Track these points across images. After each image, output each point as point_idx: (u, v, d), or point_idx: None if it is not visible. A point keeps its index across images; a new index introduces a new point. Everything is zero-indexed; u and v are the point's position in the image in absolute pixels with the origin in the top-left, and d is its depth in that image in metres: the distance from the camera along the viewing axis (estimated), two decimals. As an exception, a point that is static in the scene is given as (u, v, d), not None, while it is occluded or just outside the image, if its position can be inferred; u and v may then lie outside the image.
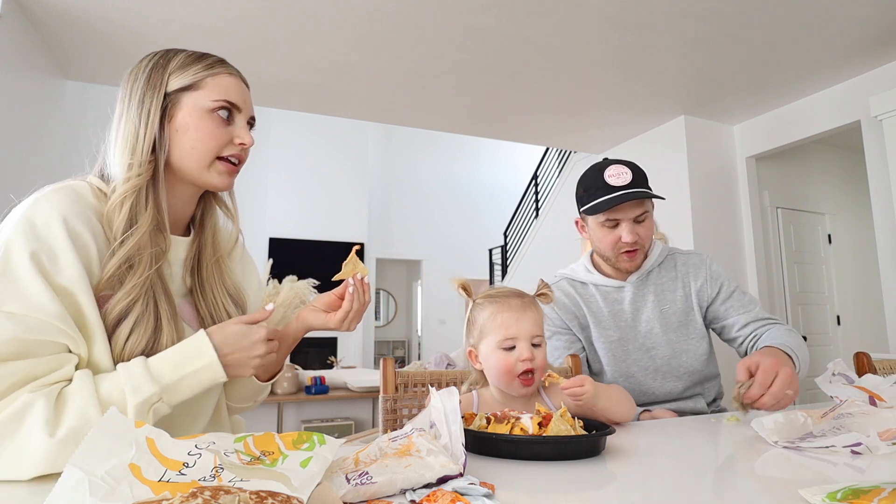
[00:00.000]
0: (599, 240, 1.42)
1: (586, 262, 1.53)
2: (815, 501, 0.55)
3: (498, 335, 1.01)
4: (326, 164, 8.09)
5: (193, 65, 0.84)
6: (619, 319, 1.45)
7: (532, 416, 0.82)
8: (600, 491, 0.66)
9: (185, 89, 0.83)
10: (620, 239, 1.38)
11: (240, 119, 0.87)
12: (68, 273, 0.70)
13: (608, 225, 1.39)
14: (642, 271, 1.47)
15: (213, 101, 0.83)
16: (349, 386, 3.33)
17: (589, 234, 1.47)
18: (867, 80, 3.43)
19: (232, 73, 0.87)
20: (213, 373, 0.75)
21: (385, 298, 11.27)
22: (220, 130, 0.84)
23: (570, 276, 1.53)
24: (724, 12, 2.78)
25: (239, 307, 0.94)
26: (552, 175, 7.42)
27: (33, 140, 2.98)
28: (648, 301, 1.45)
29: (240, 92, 0.87)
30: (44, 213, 0.71)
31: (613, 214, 1.37)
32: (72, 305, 0.70)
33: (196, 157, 0.83)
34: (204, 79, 0.84)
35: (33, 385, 0.66)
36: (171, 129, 0.82)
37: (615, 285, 1.47)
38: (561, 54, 3.21)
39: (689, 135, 4.12)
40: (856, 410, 0.92)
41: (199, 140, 0.83)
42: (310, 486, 0.51)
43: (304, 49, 3.16)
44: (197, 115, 0.83)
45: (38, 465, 0.62)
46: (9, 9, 2.60)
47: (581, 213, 1.46)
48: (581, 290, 1.49)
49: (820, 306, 4.56)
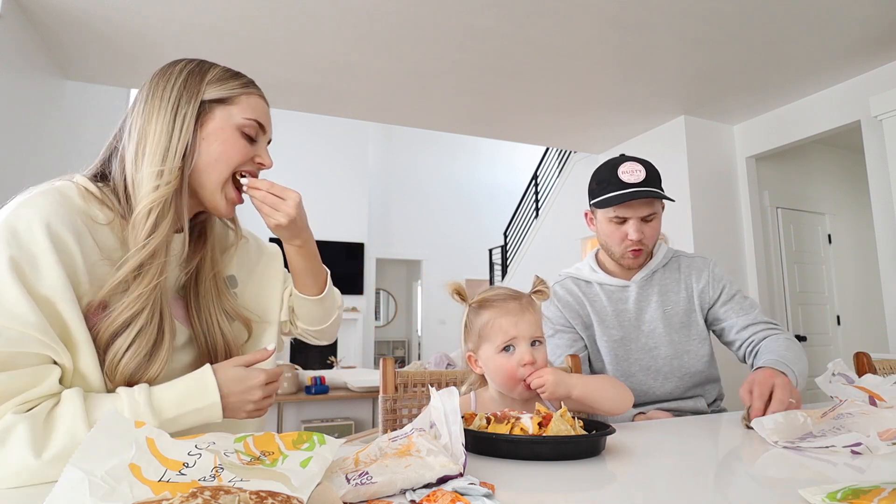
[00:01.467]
0: (607, 234, 1.43)
1: (591, 262, 1.53)
2: (815, 501, 0.55)
3: (497, 340, 1.00)
4: (326, 164, 8.10)
5: (231, 80, 0.85)
6: (623, 318, 1.45)
7: (532, 416, 0.82)
8: (600, 491, 0.66)
9: (219, 102, 0.83)
10: (627, 236, 1.39)
11: (262, 141, 0.88)
12: (50, 281, 0.67)
13: (616, 221, 1.39)
14: (647, 271, 1.47)
15: (245, 119, 0.84)
16: (349, 386, 3.33)
17: (597, 227, 1.47)
18: (867, 80, 3.43)
19: (261, 97, 0.88)
20: (212, 414, 0.74)
21: (385, 298, 11.27)
22: (246, 148, 0.85)
23: (575, 275, 1.53)
24: (724, 12, 2.78)
25: (236, 323, 0.91)
26: (552, 175, 7.42)
27: (33, 140, 2.98)
28: (652, 301, 1.45)
29: (267, 115, 0.88)
30: (26, 218, 0.68)
31: (622, 211, 1.37)
32: (53, 315, 0.68)
33: (217, 170, 0.83)
34: (239, 95, 0.84)
35: (16, 401, 0.64)
36: (199, 139, 0.82)
37: (620, 284, 1.47)
38: (561, 54, 3.21)
39: (689, 135, 4.12)
40: (856, 410, 0.92)
41: (223, 153, 0.82)
42: (310, 486, 0.51)
43: (304, 49, 3.16)
44: (228, 129, 0.83)
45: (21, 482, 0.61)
46: (9, 9, 2.60)
47: (591, 205, 1.46)
48: (585, 288, 1.49)
49: (820, 306, 4.56)
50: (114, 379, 0.72)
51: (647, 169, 1.37)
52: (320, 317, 1.03)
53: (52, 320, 0.67)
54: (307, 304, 1.01)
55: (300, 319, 1.04)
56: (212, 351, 0.87)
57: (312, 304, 1.00)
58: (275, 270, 1.04)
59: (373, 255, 8.69)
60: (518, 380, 0.98)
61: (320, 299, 1.01)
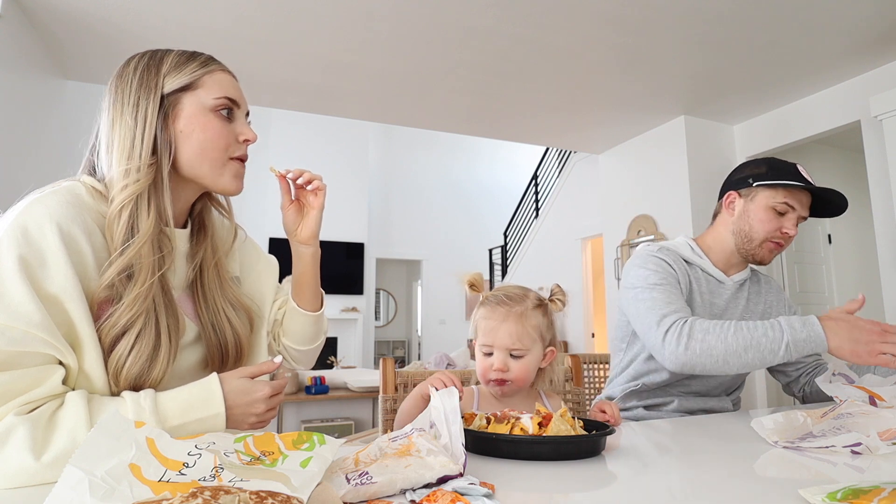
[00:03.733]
0: (760, 220, 1.37)
1: (692, 245, 1.47)
2: (815, 501, 0.55)
3: (481, 339, 1.03)
4: (326, 164, 8.09)
5: (187, 63, 0.83)
6: (712, 309, 1.41)
7: (532, 416, 0.82)
8: (600, 491, 0.66)
9: (184, 89, 0.81)
10: (781, 228, 1.35)
11: (240, 115, 0.86)
12: (58, 280, 0.68)
13: (780, 209, 1.35)
14: (744, 275, 1.46)
15: (214, 99, 0.82)
16: (349, 386, 3.33)
17: (743, 211, 1.40)
18: (867, 80, 3.43)
19: (225, 70, 0.86)
20: (216, 424, 0.73)
21: (385, 298, 11.27)
22: (227, 128, 0.83)
23: (677, 251, 1.45)
24: (725, 12, 2.78)
25: (241, 312, 0.92)
26: (552, 175, 7.42)
27: (33, 140, 2.98)
28: (739, 306, 1.44)
29: (236, 87, 0.86)
30: (37, 217, 0.69)
31: (793, 199, 1.34)
32: (61, 314, 0.68)
33: (210, 158, 0.82)
34: (201, 77, 0.82)
35: (17, 402, 0.63)
36: (175, 132, 0.81)
37: (718, 278, 1.44)
38: (561, 54, 3.21)
39: (689, 135, 4.12)
40: (856, 410, 0.92)
41: (207, 140, 0.81)
42: (310, 486, 0.51)
43: (304, 49, 3.16)
44: (202, 115, 0.82)
45: (20, 484, 0.61)
46: (9, 9, 2.59)
47: (757, 185, 1.38)
48: (687, 267, 1.44)
49: (820, 306, 4.56)
50: (119, 383, 0.72)
51: None
52: (311, 336, 1.03)
53: (59, 319, 0.67)
54: (303, 320, 1.00)
55: (287, 336, 1.03)
56: (222, 343, 0.87)
57: (309, 320, 1.00)
58: (270, 277, 1.03)
59: (373, 255, 8.69)
60: (487, 380, 1.02)
61: (317, 317, 1.01)
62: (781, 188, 1.34)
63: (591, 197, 6.04)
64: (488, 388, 1.04)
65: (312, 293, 1.00)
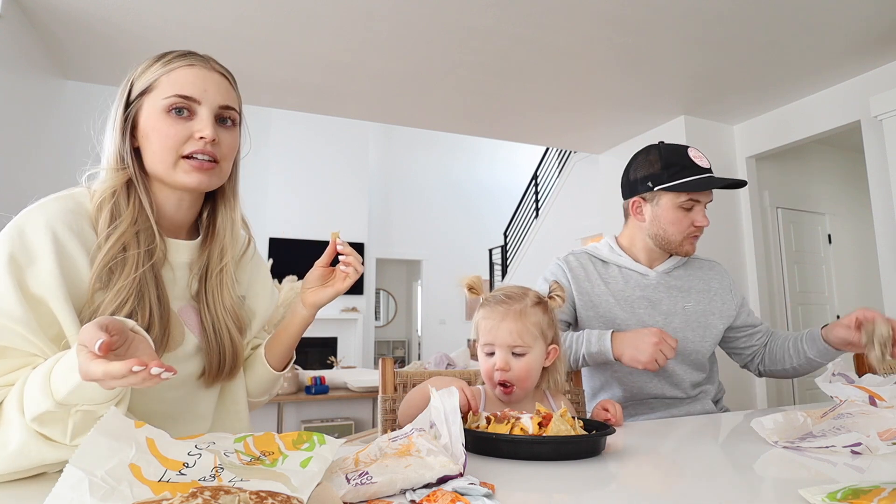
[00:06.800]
0: (671, 221, 1.39)
1: (611, 244, 1.51)
2: (815, 501, 0.55)
3: (482, 339, 1.03)
4: (326, 164, 8.10)
5: (152, 66, 0.82)
6: (638, 305, 1.42)
7: (532, 416, 0.82)
8: (600, 491, 0.66)
9: (143, 93, 0.81)
10: (693, 222, 1.38)
11: (202, 111, 0.81)
12: (44, 281, 0.69)
13: (686, 206, 1.37)
14: (669, 265, 1.47)
15: (164, 99, 0.79)
16: (349, 386, 3.33)
17: (653, 217, 1.42)
18: (867, 80, 3.43)
19: (193, 65, 0.81)
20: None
21: (385, 298, 11.27)
22: (176, 128, 0.79)
23: (593, 253, 1.50)
24: (725, 12, 2.78)
25: (235, 322, 0.91)
26: (552, 175, 7.42)
27: (33, 140, 2.98)
28: (672, 295, 1.44)
29: (198, 82, 0.81)
30: (33, 220, 0.72)
31: (698, 195, 1.37)
32: (45, 314, 0.68)
33: (160, 160, 0.80)
34: (159, 78, 0.80)
35: None
36: (140, 137, 0.82)
37: (641, 271, 1.45)
38: (561, 54, 3.20)
39: (689, 135, 4.12)
40: (856, 410, 0.92)
41: (157, 142, 0.80)
42: (310, 486, 0.51)
43: (304, 49, 3.16)
44: (155, 117, 0.80)
45: None
46: (9, 9, 2.59)
47: (657, 190, 1.39)
48: (601, 267, 1.47)
49: (820, 306, 4.56)
50: None
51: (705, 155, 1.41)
52: (263, 389, 1.00)
53: (46, 319, 0.68)
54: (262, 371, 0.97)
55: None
56: (221, 351, 0.87)
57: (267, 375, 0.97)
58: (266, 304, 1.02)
59: (373, 255, 8.69)
60: (493, 382, 1.01)
61: (276, 376, 0.98)
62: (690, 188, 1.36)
63: (591, 197, 6.04)
64: (495, 393, 1.03)
65: (284, 352, 0.97)
